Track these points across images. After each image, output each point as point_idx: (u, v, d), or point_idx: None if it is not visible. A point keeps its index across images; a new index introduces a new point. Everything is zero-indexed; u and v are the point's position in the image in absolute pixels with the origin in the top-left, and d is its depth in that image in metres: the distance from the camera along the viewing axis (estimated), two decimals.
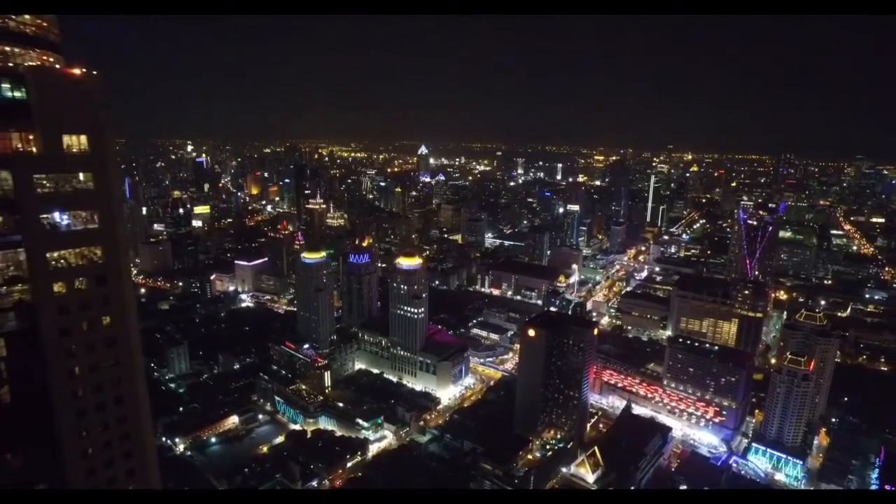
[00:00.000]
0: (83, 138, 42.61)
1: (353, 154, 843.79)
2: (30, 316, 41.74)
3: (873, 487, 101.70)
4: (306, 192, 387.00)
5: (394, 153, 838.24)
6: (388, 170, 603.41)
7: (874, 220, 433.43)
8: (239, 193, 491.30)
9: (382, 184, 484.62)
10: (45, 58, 43.85)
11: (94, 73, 42.45)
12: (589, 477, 69.19)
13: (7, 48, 40.95)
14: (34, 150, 41.17)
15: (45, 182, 41.70)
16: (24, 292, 41.91)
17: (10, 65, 40.88)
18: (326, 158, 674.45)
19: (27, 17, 41.91)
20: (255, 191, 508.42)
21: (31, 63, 42.36)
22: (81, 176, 43.51)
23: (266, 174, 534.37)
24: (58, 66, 44.30)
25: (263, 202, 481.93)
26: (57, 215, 42.60)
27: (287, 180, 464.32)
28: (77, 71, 42.32)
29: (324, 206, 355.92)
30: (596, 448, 73.90)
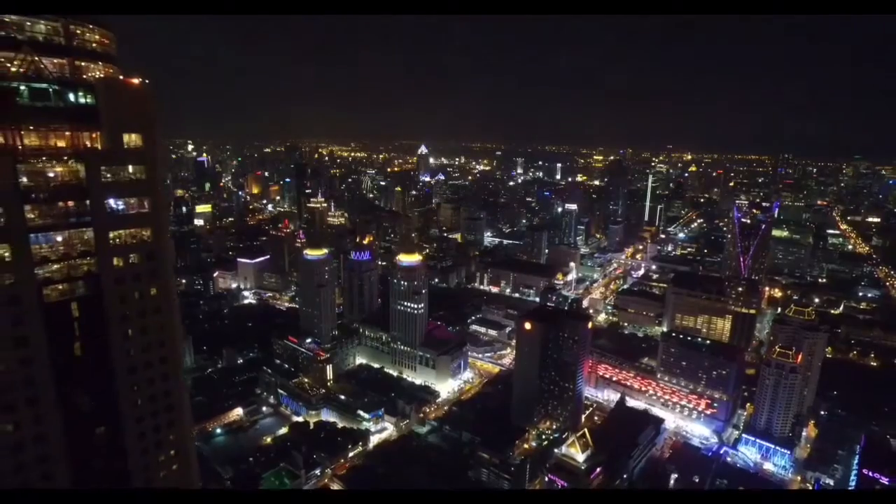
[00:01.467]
0: (138, 137, 51.23)
1: (352, 154, 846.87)
2: (95, 284, 50.50)
3: (854, 472, 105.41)
4: (307, 191, 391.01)
5: (393, 153, 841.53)
6: (388, 169, 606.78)
7: (870, 219, 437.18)
8: (240, 193, 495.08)
9: (382, 183, 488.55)
10: (107, 69, 50.88)
11: (147, 82, 50.91)
12: (579, 457, 72.94)
13: (80, 63, 49.16)
14: (99, 146, 49.77)
15: (107, 173, 50.13)
16: (90, 265, 50.35)
17: (84, 76, 49.32)
18: (326, 158, 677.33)
19: (96, 35, 48.81)
20: (255, 190, 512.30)
21: (97, 74, 50.40)
22: (135, 168, 51.79)
23: (266, 174, 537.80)
24: (119, 76, 52.28)
25: (264, 201, 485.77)
26: (114, 201, 50.93)
27: (288, 179, 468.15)
28: (134, 80, 50.84)
29: (325, 204, 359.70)
30: (586, 430, 77.60)
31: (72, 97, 47.65)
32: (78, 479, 51.16)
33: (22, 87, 45.25)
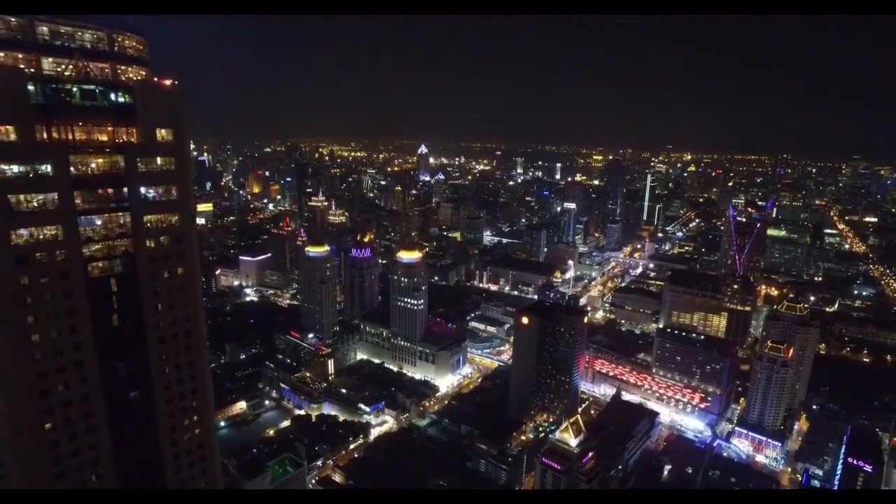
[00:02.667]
0: (170, 132, 57.46)
1: (353, 153, 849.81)
2: (131, 263, 56.76)
3: (841, 462, 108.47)
4: (308, 190, 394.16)
5: (394, 153, 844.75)
6: (389, 169, 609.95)
7: (867, 219, 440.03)
8: (241, 192, 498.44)
9: (383, 183, 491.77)
10: (142, 72, 56.46)
11: (177, 83, 57.47)
12: (572, 441, 75.79)
13: (120, 66, 55.43)
14: (135, 140, 55.67)
15: (142, 164, 56.26)
16: (127, 245, 56.50)
17: (123, 78, 55.48)
18: (327, 158, 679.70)
19: (133, 41, 54.47)
20: (256, 189, 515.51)
21: (134, 76, 56.65)
22: (166, 160, 57.90)
23: (267, 173, 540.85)
24: (153, 77, 58.39)
25: (265, 200, 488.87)
26: (147, 189, 57.23)
27: (289, 179, 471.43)
28: (167, 82, 57.33)
29: (325, 203, 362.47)
30: (578, 416, 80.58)
31: (113, 97, 53.75)
32: (115, 437, 57.44)
33: (74, 89, 51.35)
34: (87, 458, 55.64)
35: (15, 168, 48.33)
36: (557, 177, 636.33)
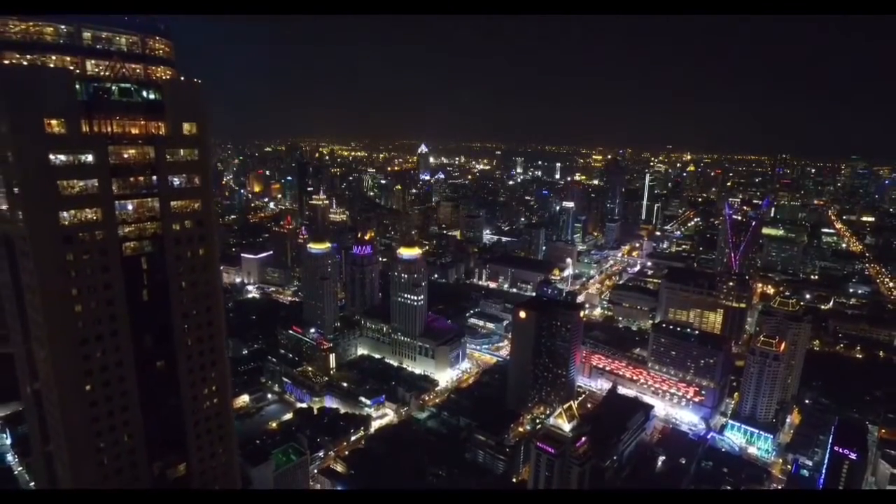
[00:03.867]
0: (194, 125, 63.78)
1: (353, 153, 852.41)
2: (159, 244, 62.81)
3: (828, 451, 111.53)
4: (309, 188, 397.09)
5: (394, 152, 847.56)
6: (389, 168, 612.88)
7: (865, 218, 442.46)
8: (241, 191, 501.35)
9: (383, 182, 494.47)
10: (167, 72, 62.07)
11: (200, 81, 64.34)
12: (566, 426, 78.67)
13: (151, 67, 62.19)
14: (163, 133, 61.78)
15: (169, 155, 62.20)
16: (156, 228, 62.55)
17: (153, 78, 62.25)
18: (327, 157, 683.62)
19: (162, 44, 60.11)
20: (257, 188, 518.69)
21: (163, 76, 63.13)
22: (190, 151, 64.15)
23: (268, 172, 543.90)
24: (179, 77, 64.82)
25: (266, 199, 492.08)
26: (174, 178, 63.43)
27: (289, 178, 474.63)
28: (194, 80, 64.31)
29: (326, 201, 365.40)
30: (572, 403, 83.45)
31: (145, 94, 60.10)
32: (143, 401, 63.57)
33: (112, 87, 57.93)
34: (120, 419, 62.02)
35: (62, 157, 54.54)
36: (557, 176, 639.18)
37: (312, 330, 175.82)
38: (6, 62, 54.02)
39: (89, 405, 59.48)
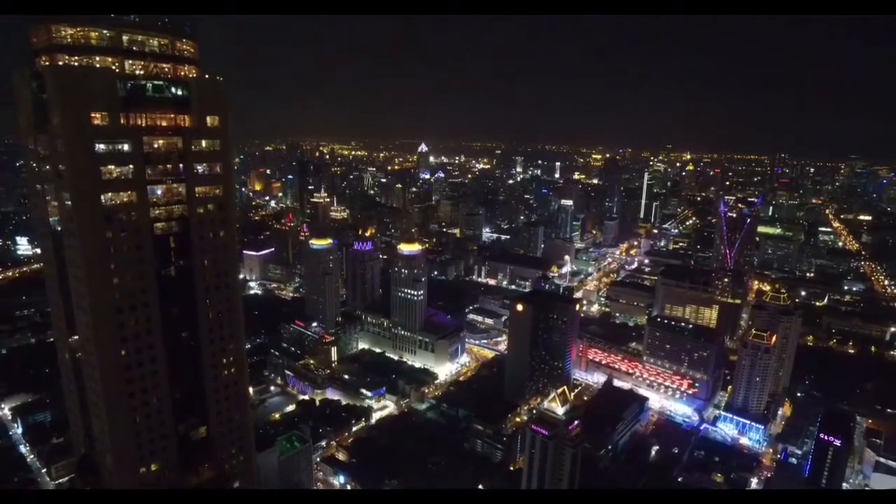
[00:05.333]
0: (217, 118, 70.83)
1: (353, 152, 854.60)
2: (185, 225, 69.57)
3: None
4: (310, 187, 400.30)
5: (394, 152, 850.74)
6: (389, 168, 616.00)
7: (862, 217, 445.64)
8: (242, 189, 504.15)
9: (383, 180, 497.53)
10: (193, 70, 68.52)
11: (221, 79, 71.50)
12: (559, 410, 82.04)
13: (179, 66, 68.77)
14: (189, 125, 68.53)
15: (194, 145, 69.09)
16: (182, 210, 69.29)
17: (181, 75, 68.99)
18: (327, 156, 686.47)
19: (189, 46, 66.39)
20: (258, 187, 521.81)
21: (188, 73, 69.59)
22: (213, 142, 71.20)
23: (268, 171, 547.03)
24: (205, 75, 71.32)
25: (266, 198, 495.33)
26: (197, 165, 70.17)
27: (290, 176, 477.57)
28: (217, 78, 71.37)
29: (328, 199, 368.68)
30: (565, 387, 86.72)
31: (174, 90, 67.02)
32: (170, 367, 70.01)
33: (147, 84, 64.79)
34: (150, 382, 68.58)
35: (103, 146, 61.69)
36: (557, 175, 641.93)
37: (314, 324, 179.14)
38: (59, 63, 61.11)
39: (124, 368, 66.05)
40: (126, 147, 63.23)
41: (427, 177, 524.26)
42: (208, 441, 75.88)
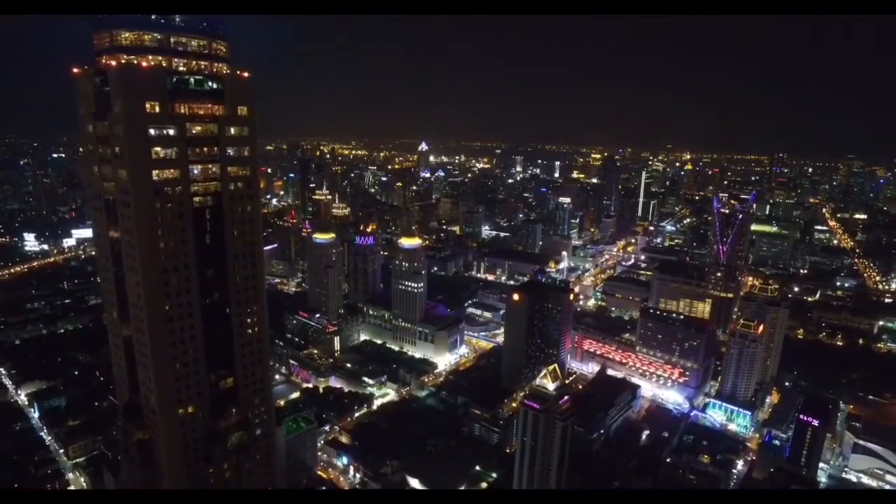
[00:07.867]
0: (245, 108, 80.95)
1: (353, 152, 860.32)
2: (218, 200, 79.31)
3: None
4: (311, 185, 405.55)
5: (394, 151, 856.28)
6: (389, 167, 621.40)
7: (858, 216, 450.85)
8: None
9: (384, 179, 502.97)
10: (225, 67, 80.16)
11: (249, 75, 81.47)
12: (550, 386, 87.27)
13: (214, 63, 78.87)
14: (223, 114, 78.30)
15: (227, 131, 78.89)
16: (216, 187, 78.88)
17: (216, 71, 78.70)
18: (328, 156, 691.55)
19: (222, 45, 76.41)
20: (260, 185, 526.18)
21: (222, 70, 79.40)
22: (242, 129, 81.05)
23: (269, 170, 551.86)
24: (236, 71, 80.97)
25: (268, 196, 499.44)
26: (229, 148, 79.71)
27: (292, 175, 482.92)
28: (245, 73, 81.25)
29: (329, 196, 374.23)
30: (556, 365, 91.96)
31: (211, 84, 77.51)
32: (205, 323, 79.98)
33: (190, 79, 75.10)
34: (188, 335, 78.59)
35: (154, 130, 71.88)
36: (556, 175, 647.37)
37: (318, 315, 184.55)
38: (122, 62, 71.64)
39: (167, 321, 75.87)
40: (172, 132, 72.83)
41: (427, 175, 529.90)
42: (235, 391, 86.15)
